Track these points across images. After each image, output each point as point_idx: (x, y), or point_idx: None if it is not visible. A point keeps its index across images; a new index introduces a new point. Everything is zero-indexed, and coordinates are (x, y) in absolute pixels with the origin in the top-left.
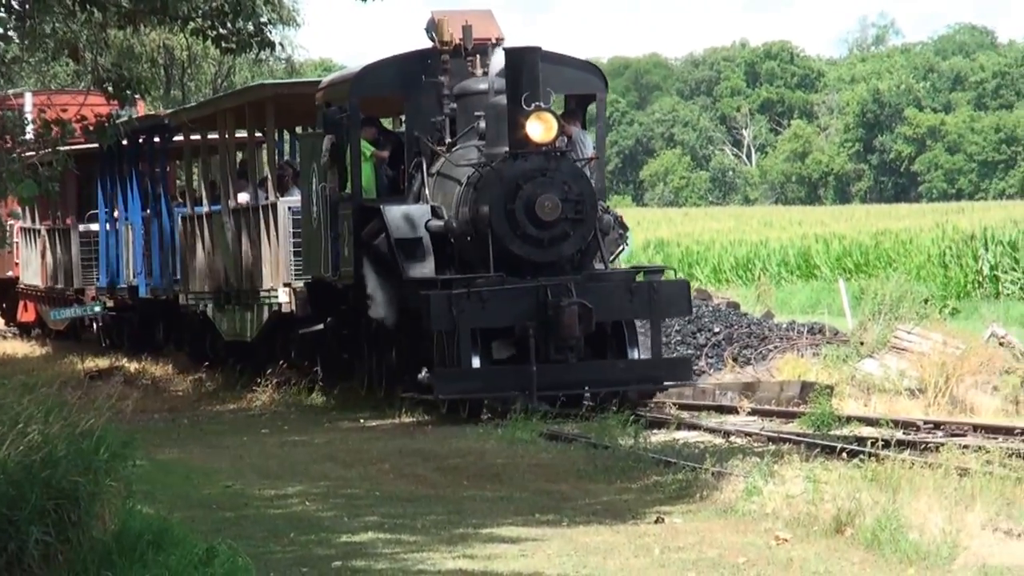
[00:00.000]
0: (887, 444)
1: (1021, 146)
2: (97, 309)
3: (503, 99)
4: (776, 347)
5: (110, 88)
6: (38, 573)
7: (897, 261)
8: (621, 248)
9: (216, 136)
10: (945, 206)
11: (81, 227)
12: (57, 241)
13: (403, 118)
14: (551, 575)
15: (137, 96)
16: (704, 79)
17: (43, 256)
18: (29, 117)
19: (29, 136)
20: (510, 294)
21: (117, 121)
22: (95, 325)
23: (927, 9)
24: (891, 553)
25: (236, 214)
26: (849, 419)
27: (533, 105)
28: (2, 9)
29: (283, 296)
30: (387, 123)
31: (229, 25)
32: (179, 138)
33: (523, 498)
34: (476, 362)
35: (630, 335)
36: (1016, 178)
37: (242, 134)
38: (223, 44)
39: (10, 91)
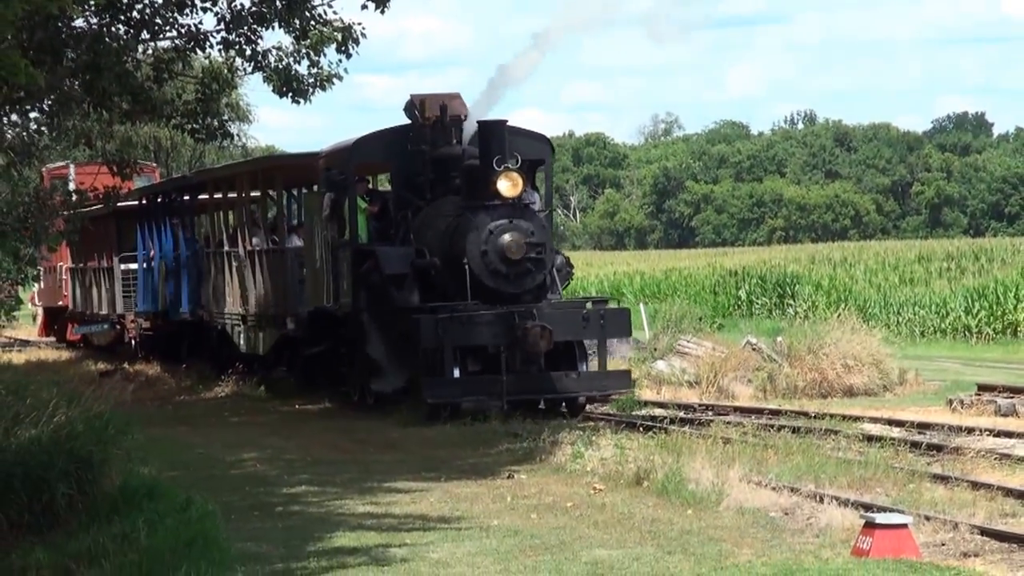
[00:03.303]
0: (673, 421)
1: (767, 208)
2: (106, 327)
3: (475, 162)
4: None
5: (115, 167)
6: (64, 516)
7: (680, 290)
8: (567, 282)
9: (233, 194)
10: (714, 251)
11: (122, 266)
12: (102, 277)
13: (390, 178)
14: (433, 516)
15: (155, 166)
16: None
17: (90, 289)
18: (72, 184)
19: (73, 197)
20: (485, 318)
21: (137, 188)
22: (133, 341)
23: (701, 109)
24: (676, 499)
25: (251, 255)
26: (646, 403)
27: (503, 166)
28: (38, 111)
29: (290, 323)
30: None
31: (200, 121)
32: (203, 196)
33: (413, 461)
34: (456, 373)
35: (580, 352)
36: (764, 231)
37: (255, 193)
38: (196, 135)
39: (58, 163)
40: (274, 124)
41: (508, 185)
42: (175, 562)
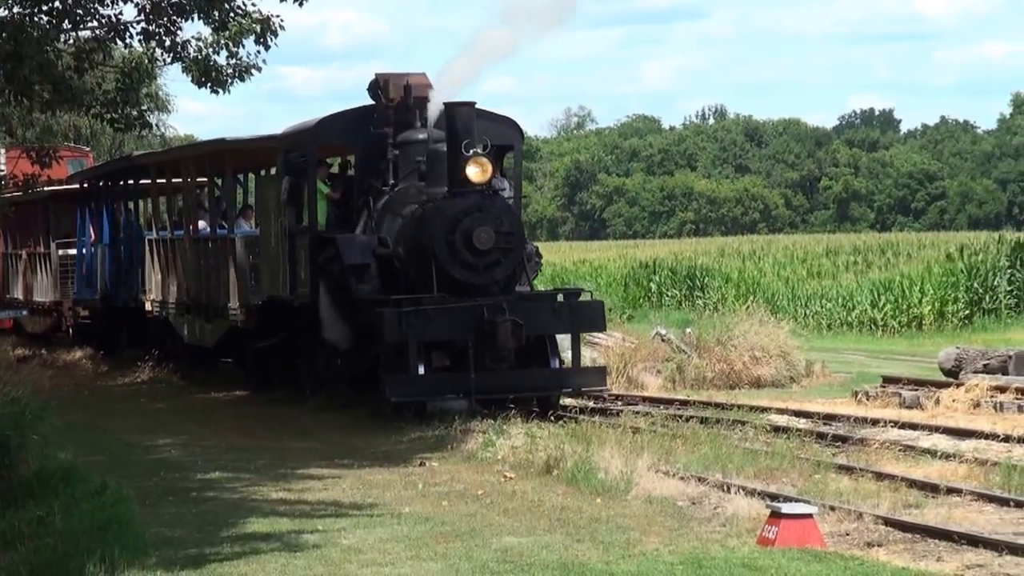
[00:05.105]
0: (583, 410)
1: (678, 201)
2: (24, 312)
3: (441, 146)
4: None
5: (34, 155)
6: None
7: (591, 281)
8: (535, 273)
9: (178, 179)
10: (625, 243)
11: (59, 251)
12: (36, 263)
13: (352, 161)
14: (345, 502)
15: (88, 151)
16: None
17: (22, 275)
18: (4, 170)
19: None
20: (452, 311)
21: (76, 172)
22: (70, 330)
23: (613, 102)
24: (585, 487)
25: (196, 242)
26: None
27: (471, 151)
28: None
29: (240, 314)
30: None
31: (120, 111)
32: (145, 180)
33: (326, 448)
34: (421, 370)
35: (551, 347)
36: (674, 224)
37: (201, 178)
38: (115, 125)
39: None
40: (194, 113)
41: (477, 171)
42: (90, 545)
